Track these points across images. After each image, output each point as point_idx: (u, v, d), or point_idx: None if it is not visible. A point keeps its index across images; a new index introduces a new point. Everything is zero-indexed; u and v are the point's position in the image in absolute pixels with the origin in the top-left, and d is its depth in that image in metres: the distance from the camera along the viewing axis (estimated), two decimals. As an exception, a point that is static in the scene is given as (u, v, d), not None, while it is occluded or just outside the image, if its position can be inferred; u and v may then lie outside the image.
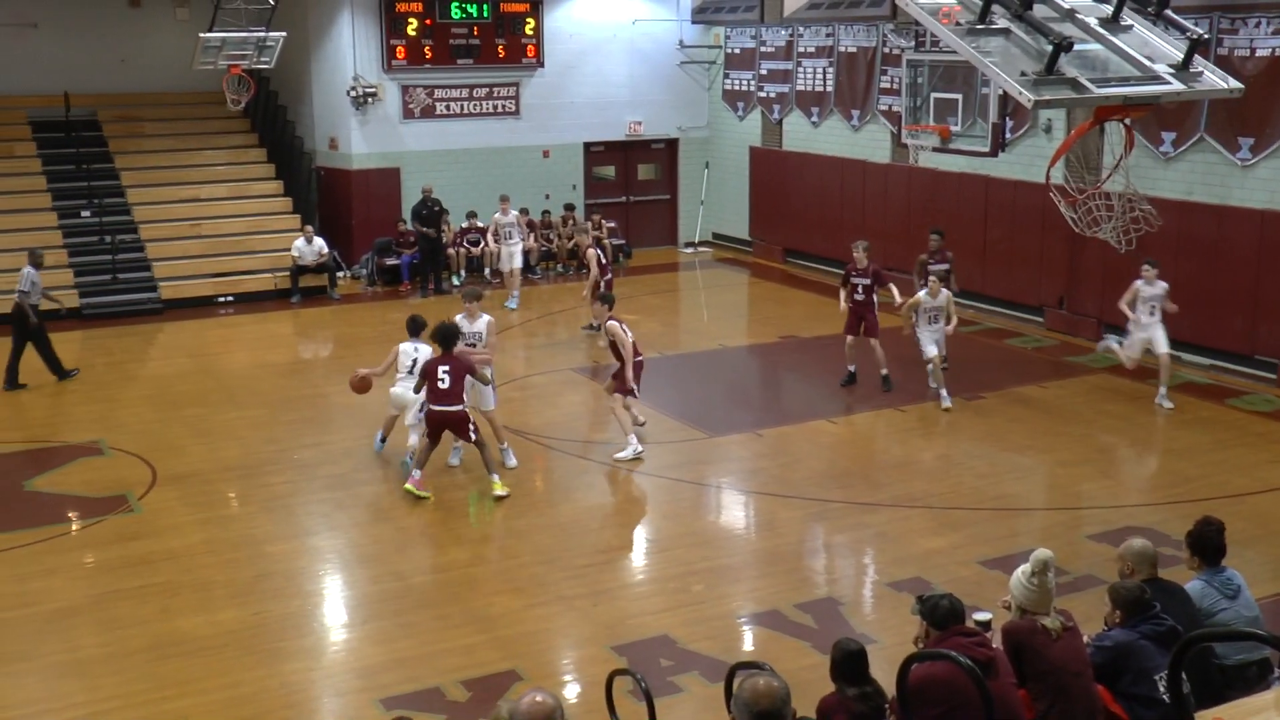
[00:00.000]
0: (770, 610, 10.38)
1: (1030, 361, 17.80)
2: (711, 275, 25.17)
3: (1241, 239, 16.54)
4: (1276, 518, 12.08)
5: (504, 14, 24.50)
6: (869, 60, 22.55)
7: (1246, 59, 16.31)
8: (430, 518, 12.69)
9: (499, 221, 22.51)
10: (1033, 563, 6.60)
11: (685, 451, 14.39)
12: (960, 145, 13.44)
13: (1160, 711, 6.49)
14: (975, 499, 12.83)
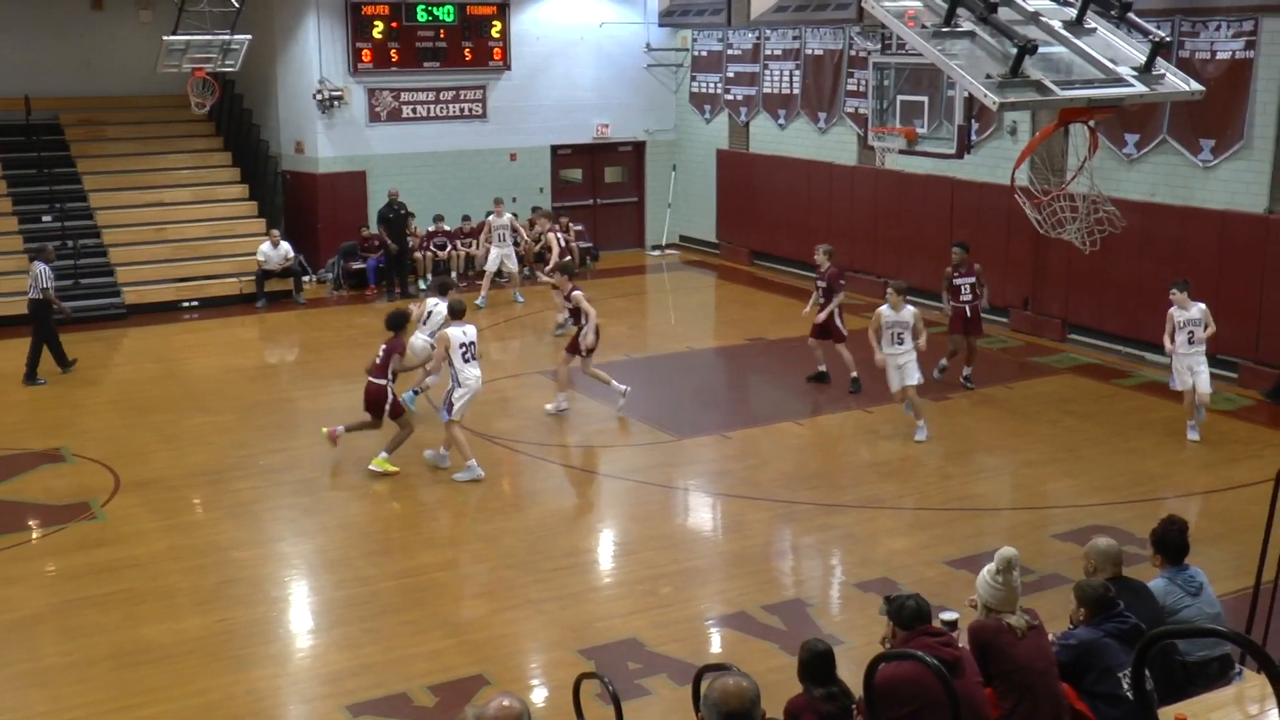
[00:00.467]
0: (738, 612, 10.39)
1: (996, 362, 17.88)
2: (679, 278, 25.20)
3: (1203, 240, 16.67)
4: (1238, 515, 12.15)
5: (470, 17, 24.45)
6: (835, 63, 22.62)
7: (1207, 61, 16.45)
8: (398, 523, 12.66)
9: (494, 224, 22.54)
10: (997, 561, 6.63)
11: (653, 454, 14.40)
12: (926, 147, 13.50)
13: (1124, 708, 6.52)
14: (941, 499, 12.88)
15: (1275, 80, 15.89)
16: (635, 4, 26.35)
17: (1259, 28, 15.98)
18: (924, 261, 20.97)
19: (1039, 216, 13.63)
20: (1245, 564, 8.85)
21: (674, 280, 25.21)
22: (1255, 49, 16.04)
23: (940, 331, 16.89)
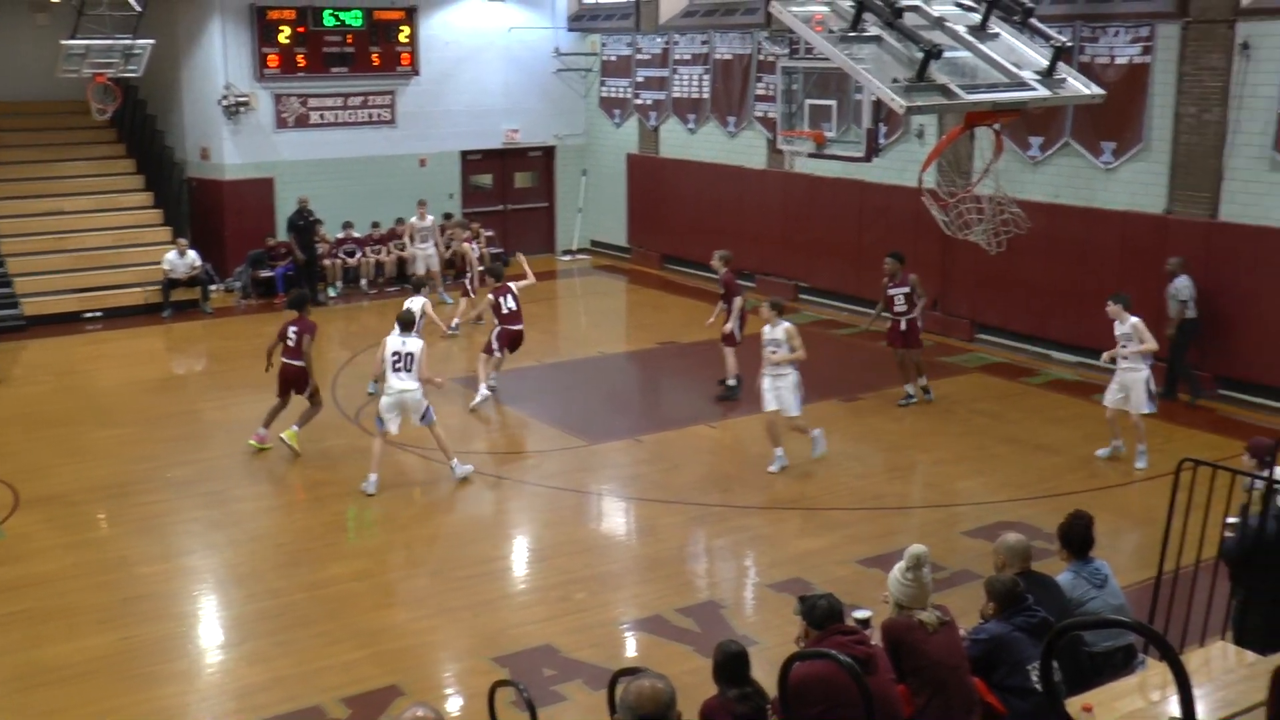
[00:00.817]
0: (652, 615, 10.39)
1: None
2: (590, 283, 25.19)
3: (1106, 239, 16.99)
4: (1141, 509, 12.42)
5: (378, 22, 24.24)
6: (744, 67, 22.75)
7: (1107, 66, 16.77)
8: (310, 534, 12.49)
9: (415, 226, 22.54)
10: (907, 559, 6.69)
11: (566, 459, 14.36)
12: (835, 151, 13.61)
13: (1033, 700, 6.61)
14: (853, 499, 12.99)
15: (1171, 84, 16.24)
16: (544, 9, 26.30)
17: (1154, 34, 16.32)
18: (834, 263, 21.19)
19: (946, 218, 13.82)
20: (1148, 556, 9.03)
21: (585, 285, 25.19)
22: (1152, 54, 16.38)
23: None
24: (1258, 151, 15.47)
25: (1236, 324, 15.66)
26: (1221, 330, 15.79)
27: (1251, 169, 15.56)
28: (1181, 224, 16.21)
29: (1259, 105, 15.39)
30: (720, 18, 23.56)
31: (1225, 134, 15.73)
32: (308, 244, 22.60)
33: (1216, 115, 15.78)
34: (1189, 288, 15.58)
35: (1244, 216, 15.64)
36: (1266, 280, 15.30)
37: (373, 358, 14.97)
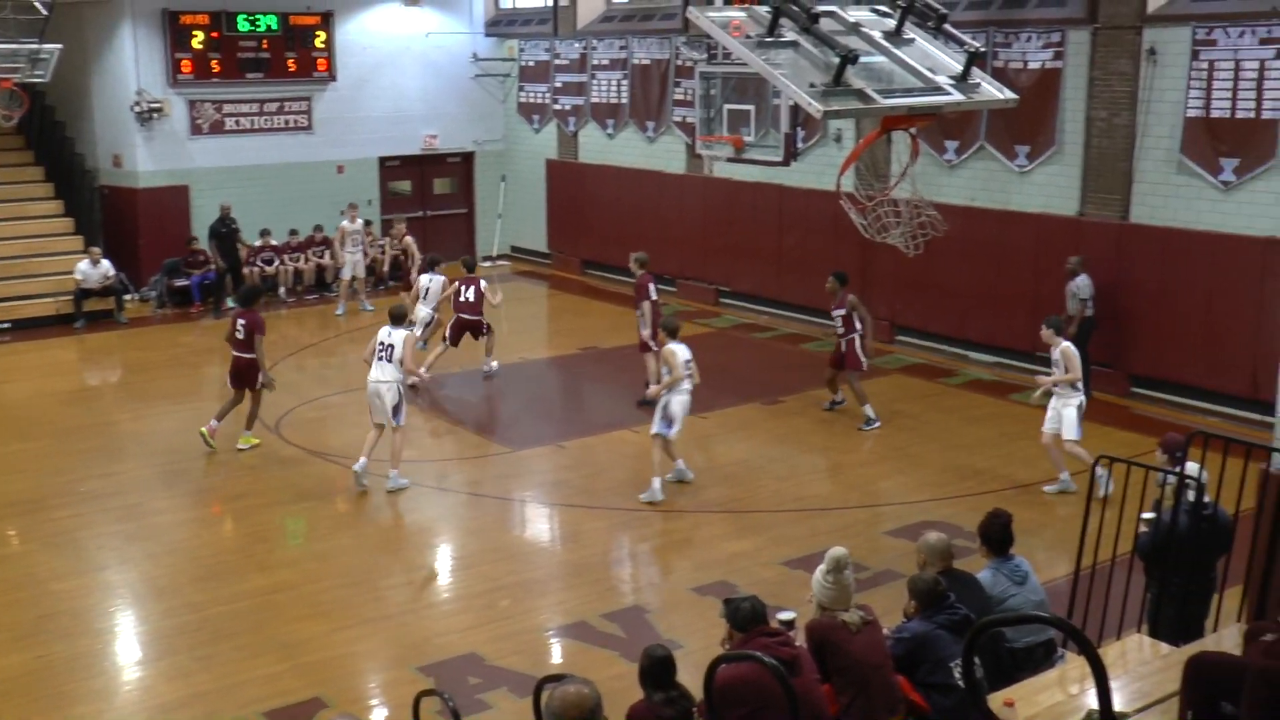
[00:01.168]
0: (578, 621, 10.38)
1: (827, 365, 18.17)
2: (511, 288, 25.03)
3: (1021, 241, 17.24)
4: (1058, 506, 12.60)
5: (294, 27, 23.99)
6: (662, 72, 22.81)
7: (1020, 71, 17.03)
8: (230, 546, 12.33)
9: (347, 230, 22.35)
10: (828, 562, 6.75)
11: (488, 466, 14.30)
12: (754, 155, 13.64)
13: (956, 697, 6.69)
14: (776, 501, 13.06)
15: (1082, 89, 16.52)
16: (461, 14, 26.20)
17: (1065, 39, 16.61)
18: (755, 267, 21.29)
19: (864, 221, 13.93)
20: (1067, 552, 9.17)
21: (506, 291, 24.99)
22: (1063, 59, 16.66)
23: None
24: (1165, 155, 15.78)
25: (1148, 323, 15.96)
26: (1134, 329, 16.09)
27: (1159, 172, 15.87)
28: (1094, 225, 16.49)
29: (1165, 110, 15.71)
30: (638, 23, 23.61)
31: (1134, 138, 16.02)
32: (230, 251, 22.32)
33: (1126, 119, 16.08)
34: (1088, 287, 15.86)
35: (1153, 218, 15.95)
36: (1176, 280, 15.61)
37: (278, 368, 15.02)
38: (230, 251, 22.36)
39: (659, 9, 23.37)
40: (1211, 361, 15.34)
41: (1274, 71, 14.60)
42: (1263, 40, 14.69)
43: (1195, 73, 15.32)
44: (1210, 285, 15.26)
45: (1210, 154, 15.26)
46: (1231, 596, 8.18)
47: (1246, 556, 8.09)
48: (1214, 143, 15.22)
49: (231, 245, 22.36)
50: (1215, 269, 15.21)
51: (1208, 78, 15.21)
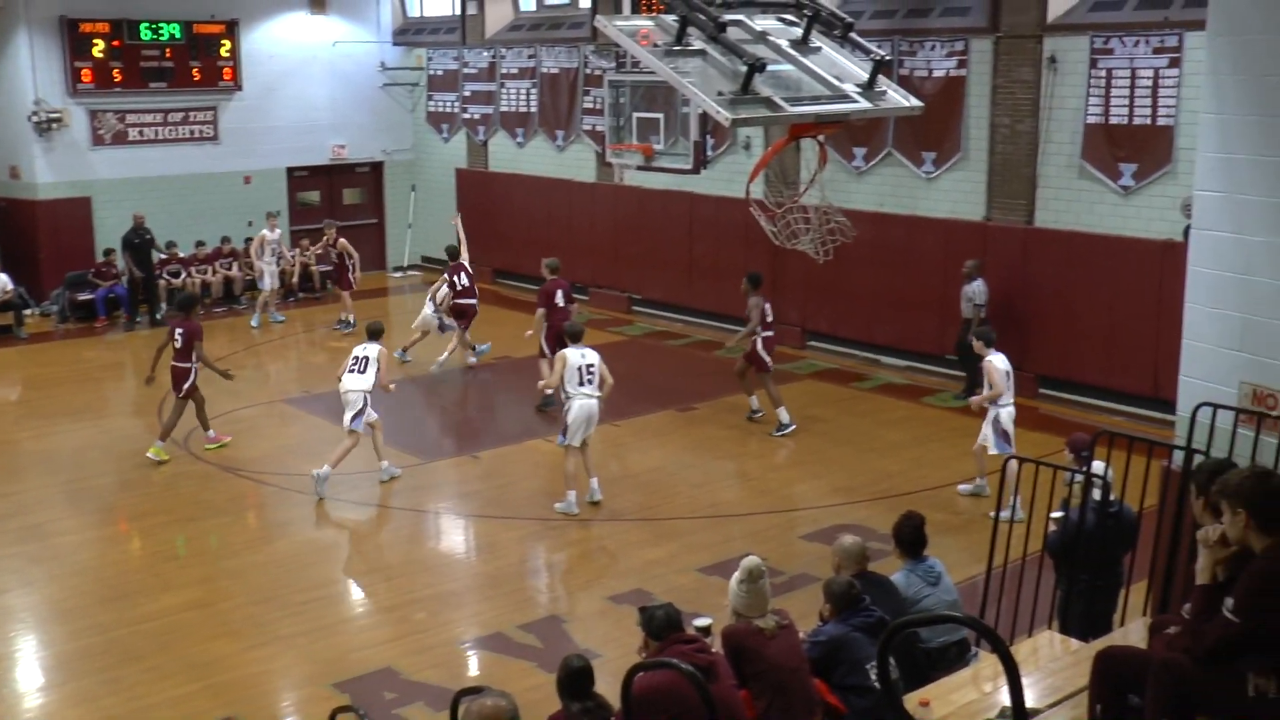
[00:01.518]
0: (494, 633, 10.32)
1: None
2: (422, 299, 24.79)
3: (929, 246, 17.46)
4: (971, 507, 12.76)
5: (198, 35, 23.64)
6: (571, 81, 22.81)
7: (925, 79, 17.26)
8: (137, 565, 12.08)
9: (266, 239, 22.14)
10: (742, 571, 6.79)
11: (402, 478, 14.17)
12: (663, 163, 13.71)
13: (872, 698, 6.75)
14: (691, 508, 13.09)
15: (986, 97, 16.79)
16: (369, 22, 26.00)
17: (969, 48, 16.87)
18: (666, 275, 21.35)
19: (774, 228, 14.03)
20: (978, 552, 9.29)
21: (417, 302, 24.78)
22: (967, 67, 16.92)
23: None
24: (1067, 160, 16.08)
25: (1054, 326, 16.24)
26: (1040, 332, 16.36)
27: (1062, 177, 16.18)
28: (1000, 230, 16.76)
29: (1066, 116, 16.01)
30: (546, 32, 23.60)
31: (1037, 144, 16.32)
32: (144, 262, 21.93)
33: (1029, 126, 16.37)
34: (983, 292, 16.13)
35: (1057, 222, 16.25)
36: (1079, 283, 15.90)
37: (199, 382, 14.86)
38: (145, 262, 21.98)
39: (567, 18, 23.37)
40: (1115, 362, 15.66)
41: (1168, 80, 14.95)
42: (1156, 49, 15.03)
43: (1094, 81, 15.64)
44: (1112, 287, 15.57)
45: (1110, 159, 15.59)
46: (1137, 591, 8.34)
47: (1151, 552, 8.26)
48: (1113, 149, 15.55)
49: (146, 255, 21.97)
50: (1117, 271, 15.53)
51: (1106, 85, 15.54)
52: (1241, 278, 7.99)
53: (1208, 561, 5.38)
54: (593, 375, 12.79)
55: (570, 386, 12.72)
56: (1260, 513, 5.06)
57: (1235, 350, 8.07)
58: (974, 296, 16.14)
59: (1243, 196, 7.96)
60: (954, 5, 17.36)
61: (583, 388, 12.73)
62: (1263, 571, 4.99)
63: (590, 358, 12.87)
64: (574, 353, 12.86)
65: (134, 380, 19.33)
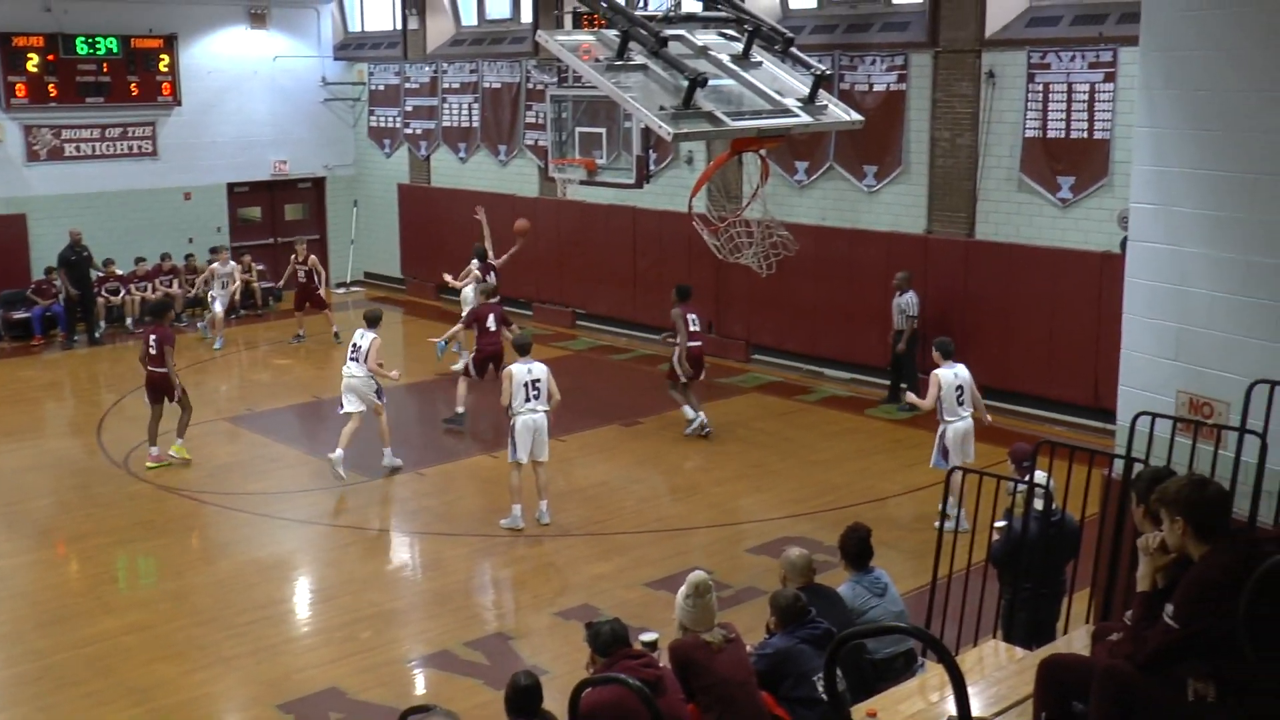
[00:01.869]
0: (440, 651, 10.26)
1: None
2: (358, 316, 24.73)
3: (872, 259, 17.57)
4: (915, 518, 12.85)
5: (135, 50, 23.41)
6: (513, 96, 22.79)
7: (866, 93, 17.40)
8: (76, 588, 11.89)
9: (217, 271, 22.06)
10: (689, 586, 6.80)
11: (346, 496, 14.07)
12: (606, 178, 13.71)
13: (820, 710, 6.76)
14: (637, 522, 13.09)
15: (926, 111, 16.95)
16: (309, 37, 25.87)
17: (909, 62, 17.03)
18: (610, 290, 21.36)
19: (717, 242, 14.07)
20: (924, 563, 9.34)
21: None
22: (907, 82, 17.08)
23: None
24: (1006, 174, 16.26)
25: (995, 337, 16.39)
26: (981, 343, 16.49)
27: (1001, 190, 16.35)
28: (941, 242, 16.90)
29: (1005, 130, 16.19)
30: (488, 46, 23.57)
31: (977, 157, 16.49)
32: (82, 279, 21.63)
33: (968, 140, 16.54)
34: (915, 303, 16.32)
35: (997, 235, 16.42)
36: (1020, 295, 16.07)
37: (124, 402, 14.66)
38: (83, 279, 21.68)
39: (509, 33, 23.36)
40: (1055, 372, 15.83)
41: (1104, 94, 15.16)
42: (1092, 64, 15.25)
43: (1032, 95, 15.83)
44: (1052, 299, 15.75)
45: (1048, 173, 15.78)
46: (1080, 599, 8.42)
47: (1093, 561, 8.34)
48: (1051, 162, 15.74)
49: (84, 273, 21.69)
50: (1057, 283, 15.71)
51: (1044, 100, 15.74)
52: (1177, 288, 8.10)
53: (1148, 569, 5.44)
54: (539, 390, 12.75)
55: (515, 403, 12.67)
56: (1196, 521, 5.13)
57: (1172, 360, 8.18)
58: (906, 308, 16.31)
59: (1177, 209, 8.08)
60: (893, 20, 17.53)
61: (528, 403, 12.69)
62: (1200, 578, 5.06)
63: (537, 372, 12.83)
64: (520, 368, 12.79)
65: (72, 400, 19.11)
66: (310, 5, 25.79)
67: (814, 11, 18.65)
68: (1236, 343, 7.76)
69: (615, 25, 11.11)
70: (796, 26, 17.15)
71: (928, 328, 16.63)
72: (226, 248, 23.05)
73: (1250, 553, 5.02)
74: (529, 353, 13.08)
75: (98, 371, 20.49)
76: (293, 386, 18.36)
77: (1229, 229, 7.76)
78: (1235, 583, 4.80)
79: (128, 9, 23.26)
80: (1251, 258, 7.62)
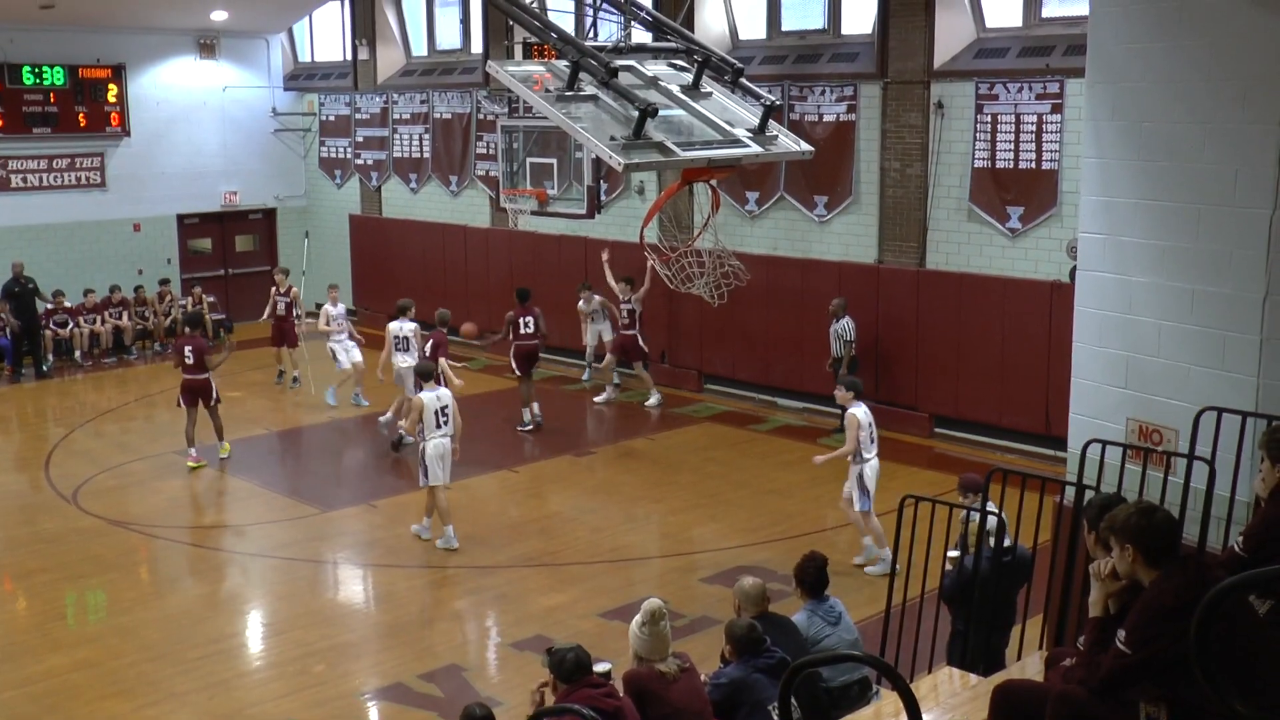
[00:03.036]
0: (394, 684, 10.18)
1: (636, 415, 18.34)
2: (317, 346, 24.55)
3: (823, 288, 17.64)
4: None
5: (83, 79, 23.25)
6: (464, 126, 22.81)
7: (816, 124, 17.54)
8: (22, 624, 11.71)
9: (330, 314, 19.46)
10: (643, 614, 6.80)
11: (298, 529, 13.96)
12: (558, 208, 13.77)
13: (776, 741, 6.77)
14: (591, 553, 13.06)
15: (875, 141, 17.09)
16: (259, 68, 25.78)
17: (858, 93, 17.18)
18: (562, 320, 21.31)
19: (669, 272, 14.14)
20: (877, 591, 9.38)
21: (312, 349, 24.53)
22: (856, 112, 17.22)
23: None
24: (956, 204, 16.43)
25: (946, 366, 16.52)
26: (932, 371, 16.64)
27: (951, 220, 16.50)
28: (892, 272, 17.03)
29: (954, 160, 16.36)
30: (439, 77, 23.58)
31: (927, 187, 16.64)
32: (25, 311, 21.35)
33: (918, 170, 16.69)
34: (852, 329, 16.53)
35: (947, 264, 16.56)
36: (971, 324, 16.20)
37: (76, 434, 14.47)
38: (26, 311, 21.39)
39: (459, 63, 23.39)
40: (1006, 401, 15.96)
41: (1052, 125, 15.36)
42: (1039, 95, 15.45)
43: (980, 125, 16.02)
44: (1003, 328, 15.89)
45: (997, 202, 15.95)
46: (1033, 626, 8.47)
47: (1045, 587, 8.40)
48: (1000, 192, 15.91)
49: (29, 305, 21.40)
50: (1007, 312, 15.86)
51: (992, 130, 15.92)
52: (1126, 317, 8.21)
53: (1100, 594, 5.50)
54: (447, 416, 13.10)
55: (427, 430, 12.95)
56: (1146, 547, 5.19)
57: (1121, 388, 8.28)
58: (843, 334, 16.46)
59: (1125, 238, 8.20)
60: (843, 51, 17.70)
61: (439, 429, 13.01)
62: (1151, 603, 5.11)
63: (445, 399, 13.17)
64: (430, 395, 13.12)
65: (19, 433, 18.86)
66: (260, 35, 25.72)
67: (763, 42, 18.79)
68: (1184, 370, 7.87)
69: (565, 56, 11.15)
70: (746, 57, 17.29)
71: (879, 358, 16.75)
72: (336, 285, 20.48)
73: (1201, 577, 5.08)
74: (433, 378, 13.46)
75: (45, 405, 20.25)
76: (243, 419, 18.18)
77: (1175, 258, 7.88)
78: (1186, 606, 4.84)
79: (75, 38, 23.10)
80: (1198, 286, 7.74)
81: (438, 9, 24.15)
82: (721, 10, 19.11)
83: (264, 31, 25.74)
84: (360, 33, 24.57)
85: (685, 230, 17.62)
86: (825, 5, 18.17)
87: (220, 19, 24.15)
